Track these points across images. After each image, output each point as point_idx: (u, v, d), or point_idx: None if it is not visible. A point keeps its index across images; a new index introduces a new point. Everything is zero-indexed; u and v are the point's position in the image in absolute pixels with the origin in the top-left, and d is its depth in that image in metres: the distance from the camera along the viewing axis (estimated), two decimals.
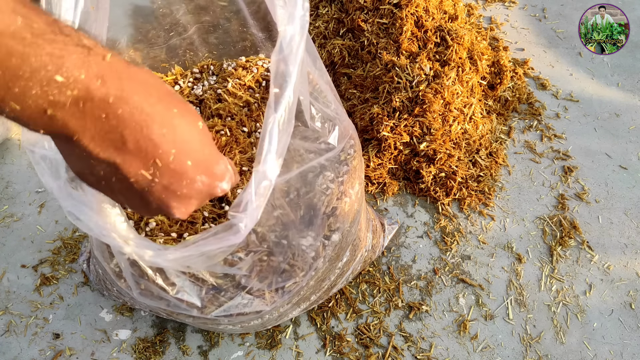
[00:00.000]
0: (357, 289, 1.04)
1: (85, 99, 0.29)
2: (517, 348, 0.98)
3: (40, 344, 0.95)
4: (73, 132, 0.30)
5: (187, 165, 0.34)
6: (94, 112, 0.30)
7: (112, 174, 0.33)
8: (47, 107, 0.29)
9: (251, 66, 0.86)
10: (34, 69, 0.27)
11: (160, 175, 0.34)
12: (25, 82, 0.27)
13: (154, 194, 0.35)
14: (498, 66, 1.37)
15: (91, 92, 0.29)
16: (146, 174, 0.33)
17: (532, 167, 1.28)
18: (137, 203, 0.36)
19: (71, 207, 0.46)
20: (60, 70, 0.28)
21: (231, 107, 0.78)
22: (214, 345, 0.96)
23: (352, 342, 0.97)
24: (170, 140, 0.33)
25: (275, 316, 0.84)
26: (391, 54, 1.22)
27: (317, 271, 0.78)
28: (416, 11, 1.23)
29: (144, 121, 0.32)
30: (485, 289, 1.06)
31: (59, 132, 0.30)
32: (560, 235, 1.15)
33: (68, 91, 0.29)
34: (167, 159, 0.33)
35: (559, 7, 1.71)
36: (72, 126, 0.30)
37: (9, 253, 1.07)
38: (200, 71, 0.88)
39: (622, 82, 1.49)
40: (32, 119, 0.29)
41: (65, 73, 0.28)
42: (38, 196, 1.16)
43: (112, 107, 0.30)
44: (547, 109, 1.41)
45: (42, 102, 0.28)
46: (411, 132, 1.18)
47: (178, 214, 0.37)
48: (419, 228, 1.15)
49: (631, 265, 1.11)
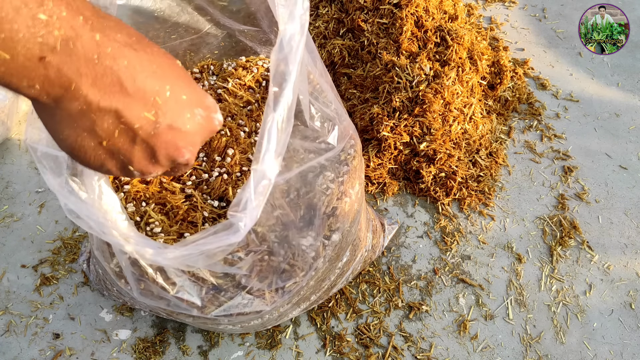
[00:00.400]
0: (357, 289, 1.04)
1: (74, 38, 0.29)
2: (517, 348, 0.98)
3: (40, 344, 0.95)
4: (70, 80, 0.30)
5: (183, 99, 0.34)
6: (85, 53, 0.29)
7: (115, 125, 0.32)
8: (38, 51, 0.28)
9: (251, 66, 0.86)
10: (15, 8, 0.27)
11: (163, 113, 0.33)
12: (10, 25, 0.27)
13: (161, 137, 0.34)
14: (498, 66, 1.37)
15: (77, 29, 0.29)
16: (149, 115, 0.33)
17: (532, 167, 1.28)
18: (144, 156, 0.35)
19: (72, 204, 0.46)
20: (41, 7, 0.27)
21: (231, 107, 0.78)
22: (214, 345, 0.96)
23: (352, 342, 0.97)
24: (163, 76, 0.33)
25: (275, 316, 0.84)
26: (391, 54, 1.22)
27: (317, 271, 0.78)
28: (416, 11, 1.23)
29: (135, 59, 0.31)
30: (485, 289, 1.06)
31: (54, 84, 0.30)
32: (560, 235, 1.15)
33: (55, 30, 0.28)
34: (165, 95, 0.33)
35: (559, 7, 1.71)
36: (68, 71, 0.29)
37: (9, 253, 1.07)
38: (201, 71, 0.88)
39: (622, 82, 1.49)
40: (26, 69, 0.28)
41: (47, 11, 0.28)
42: (38, 196, 1.16)
43: (101, 45, 0.30)
44: (547, 109, 1.41)
45: (31, 45, 0.28)
46: (411, 132, 1.18)
47: (188, 153, 0.36)
48: (419, 228, 1.15)
49: (631, 265, 1.11)
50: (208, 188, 0.70)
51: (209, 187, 0.70)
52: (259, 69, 0.86)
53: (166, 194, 0.68)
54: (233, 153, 0.73)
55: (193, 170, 0.72)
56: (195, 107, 0.35)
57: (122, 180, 0.70)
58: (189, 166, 0.38)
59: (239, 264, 0.68)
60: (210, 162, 0.73)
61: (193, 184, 0.70)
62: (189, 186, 0.70)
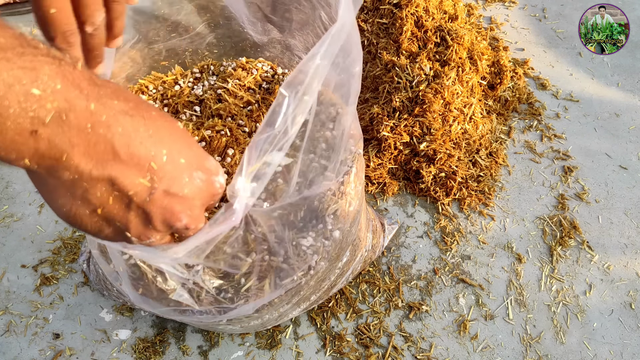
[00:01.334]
0: (357, 289, 1.04)
1: (67, 109, 0.28)
2: (517, 348, 0.98)
3: (40, 344, 0.95)
4: (61, 151, 0.29)
5: (181, 163, 0.34)
6: (78, 123, 0.29)
7: (109, 193, 0.32)
8: (29, 125, 0.27)
9: (251, 67, 0.86)
10: (8, 85, 0.26)
11: (159, 179, 0.32)
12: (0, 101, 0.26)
13: (156, 202, 0.33)
14: (498, 66, 1.37)
15: (71, 101, 0.28)
16: (144, 181, 0.32)
17: (532, 167, 1.28)
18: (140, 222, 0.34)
19: None
20: (35, 82, 0.27)
21: (231, 108, 0.79)
22: (214, 345, 0.96)
23: (352, 342, 0.98)
24: (159, 140, 0.32)
25: (275, 316, 0.84)
26: (391, 54, 1.22)
27: (317, 271, 0.78)
28: (416, 11, 1.23)
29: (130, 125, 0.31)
30: (485, 289, 1.06)
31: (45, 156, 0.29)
32: (560, 235, 1.15)
33: (48, 104, 0.27)
34: (161, 160, 0.32)
35: (559, 7, 1.71)
36: (59, 143, 0.28)
37: (9, 253, 1.07)
38: (201, 71, 0.88)
39: (622, 82, 1.49)
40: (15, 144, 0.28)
41: (42, 85, 0.27)
42: (38, 196, 1.16)
43: (95, 115, 0.29)
44: (547, 109, 1.41)
45: (22, 120, 0.27)
46: (411, 132, 1.18)
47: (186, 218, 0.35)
48: (419, 228, 1.15)
49: (631, 265, 1.11)
50: None
51: None
52: (259, 70, 0.86)
53: None
54: (233, 153, 0.73)
55: None
56: (194, 171, 0.35)
57: None
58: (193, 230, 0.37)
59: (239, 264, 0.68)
60: None
61: None
62: None
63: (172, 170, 0.33)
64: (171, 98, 0.82)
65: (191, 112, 0.80)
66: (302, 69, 0.45)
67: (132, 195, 0.32)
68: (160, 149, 0.32)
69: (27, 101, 0.27)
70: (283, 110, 0.44)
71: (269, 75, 0.86)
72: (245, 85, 0.83)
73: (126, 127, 0.30)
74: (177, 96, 0.82)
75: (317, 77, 0.45)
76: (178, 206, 0.34)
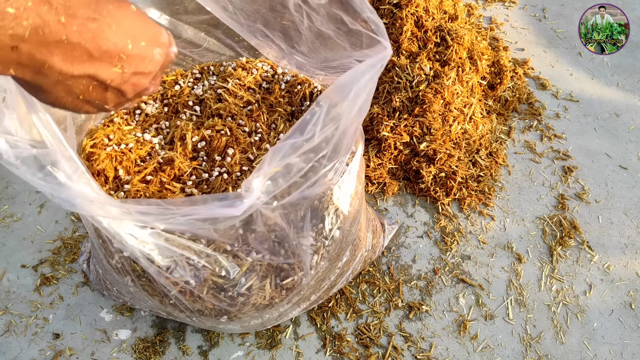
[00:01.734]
0: (357, 289, 1.04)
1: (42, 25, 0.32)
2: (517, 348, 0.98)
3: (40, 344, 0.95)
4: (42, 61, 0.34)
5: (142, 46, 0.39)
6: (54, 37, 0.33)
7: (89, 84, 0.37)
8: (10, 41, 0.31)
9: (251, 67, 0.86)
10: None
11: (128, 64, 0.38)
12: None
13: (128, 82, 0.39)
14: (498, 66, 1.37)
15: (43, 17, 0.32)
16: (117, 69, 0.38)
17: (532, 167, 1.28)
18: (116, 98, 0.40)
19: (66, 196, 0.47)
20: (8, 2, 0.30)
21: (231, 107, 0.79)
22: (214, 345, 0.96)
23: (352, 342, 0.97)
24: (122, 32, 0.37)
25: (275, 316, 0.84)
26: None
27: (317, 271, 0.78)
28: (416, 11, 1.23)
29: (97, 28, 0.35)
30: (485, 289, 1.06)
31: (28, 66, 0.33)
32: (560, 235, 1.15)
33: (24, 21, 0.31)
34: (127, 49, 0.38)
35: (559, 7, 1.71)
36: (39, 55, 0.33)
37: (9, 253, 1.07)
38: (200, 71, 0.88)
39: (622, 82, 1.49)
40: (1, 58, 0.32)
41: (14, 4, 0.31)
42: (38, 196, 1.16)
43: (67, 26, 0.33)
44: (547, 109, 1.41)
45: (3, 37, 0.31)
46: (411, 132, 1.18)
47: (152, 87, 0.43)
48: (419, 228, 1.15)
49: (631, 265, 1.11)
50: (208, 187, 0.70)
51: (209, 186, 0.70)
52: (259, 70, 0.86)
53: (166, 193, 0.68)
54: (233, 153, 0.73)
55: (193, 170, 0.72)
56: (154, 48, 0.40)
57: (122, 180, 0.70)
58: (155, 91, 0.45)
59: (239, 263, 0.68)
60: (211, 161, 0.73)
61: (193, 184, 0.70)
62: (189, 186, 0.70)
63: (137, 54, 0.39)
64: (171, 98, 0.82)
65: (191, 112, 0.80)
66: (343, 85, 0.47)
67: (108, 82, 0.38)
68: (125, 39, 0.37)
69: (4, 19, 0.31)
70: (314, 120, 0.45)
71: (269, 75, 0.86)
72: (245, 85, 0.83)
73: (94, 31, 0.35)
74: (177, 96, 0.82)
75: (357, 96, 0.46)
76: (145, 80, 0.41)
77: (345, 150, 0.65)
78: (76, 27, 0.34)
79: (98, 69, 0.37)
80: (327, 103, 0.46)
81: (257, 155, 0.73)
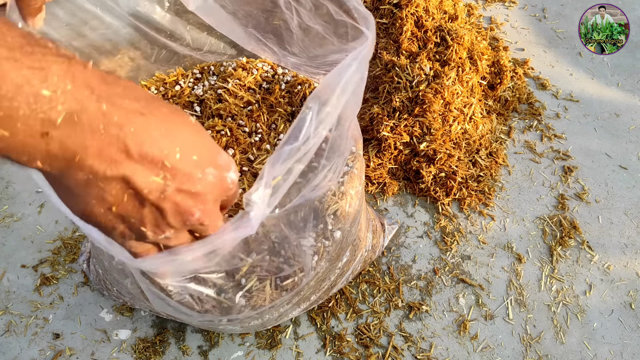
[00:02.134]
0: (357, 289, 1.04)
1: (79, 111, 0.28)
2: (517, 348, 0.98)
3: (40, 344, 0.95)
4: (74, 153, 0.29)
5: (193, 160, 0.33)
6: (91, 125, 0.28)
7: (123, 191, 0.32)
8: (40, 127, 0.27)
9: (251, 67, 0.86)
10: (17, 86, 0.25)
11: (172, 176, 0.32)
12: (10, 103, 0.25)
13: (169, 199, 0.33)
14: (498, 66, 1.37)
15: (82, 102, 0.28)
16: (158, 179, 0.32)
17: (532, 167, 1.28)
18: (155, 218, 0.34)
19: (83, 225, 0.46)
20: (45, 83, 0.26)
21: (232, 108, 0.78)
22: (214, 345, 0.96)
23: (352, 342, 0.98)
24: (172, 138, 0.32)
25: (275, 316, 0.84)
26: (391, 54, 1.22)
27: (317, 271, 0.78)
28: (416, 11, 1.23)
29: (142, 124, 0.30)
30: (485, 289, 1.06)
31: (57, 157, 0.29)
32: (560, 235, 1.15)
33: (59, 105, 0.27)
34: (174, 157, 0.32)
35: (559, 7, 1.71)
36: (72, 145, 0.28)
37: (9, 253, 1.07)
38: (201, 71, 0.88)
39: (622, 82, 1.49)
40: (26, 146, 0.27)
41: (52, 86, 0.26)
42: (38, 196, 1.16)
43: (107, 116, 0.29)
44: (547, 109, 1.41)
45: (32, 122, 0.26)
46: (411, 132, 1.18)
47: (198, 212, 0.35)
48: (419, 228, 1.15)
49: (631, 265, 1.11)
50: None
51: None
52: (259, 70, 0.86)
53: None
54: (233, 153, 0.73)
55: None
56: (206, 167, 0.34)
57: None
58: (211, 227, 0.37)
59: (239, 264, 0.68)
60: None
61: None
62: None
63: (184, 168, 0.33)
64: (172, 98, 0.82)
65: (191, 112, 0.80)
66: (329, 82, 0.46)
67: (146, 193, 0.32)
68: (173, 146, 0.32)
69: (37, 102, 0.26)
70: (307, 124, 0.44)
71: (269, 75, 0.85)
72: (246, 85, 0.83)
73: (138, 126, 0.30)
74: (178, 96, 0.82)
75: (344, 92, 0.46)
76: (190, 202, 0.34)
77: (344, 148, 0.65)
78: (117, 118, 0.29)
79: (135, 171, 0.31)
80: (317, 103, 0.45)
81: (257, 156, 0.73)
